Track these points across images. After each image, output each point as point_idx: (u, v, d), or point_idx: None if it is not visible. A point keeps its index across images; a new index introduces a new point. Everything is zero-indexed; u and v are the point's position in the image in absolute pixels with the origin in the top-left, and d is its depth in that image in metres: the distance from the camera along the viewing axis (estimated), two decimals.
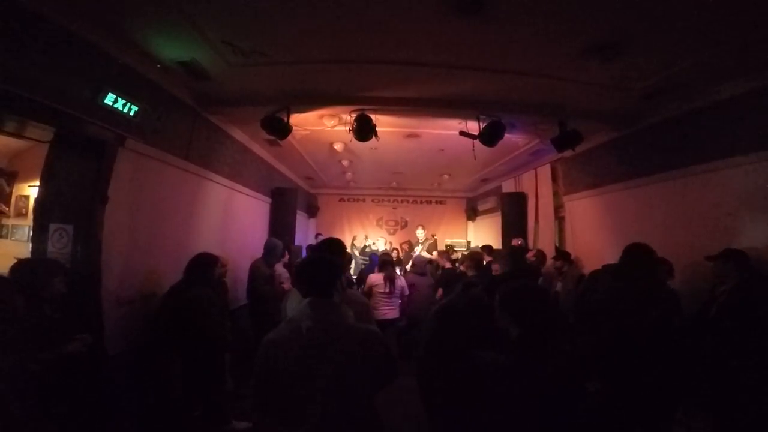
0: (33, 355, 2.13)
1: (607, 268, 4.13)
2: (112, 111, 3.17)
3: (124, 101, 3.24)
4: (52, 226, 3.11)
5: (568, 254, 5.61)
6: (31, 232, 3.29)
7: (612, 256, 4.81)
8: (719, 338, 3.02)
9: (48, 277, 2.49)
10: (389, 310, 5.13)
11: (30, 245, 3.21)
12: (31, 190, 4.69)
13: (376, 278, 5.19)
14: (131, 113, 3.34)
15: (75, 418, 2.41)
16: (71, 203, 3.15)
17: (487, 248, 6.92)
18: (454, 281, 4.34)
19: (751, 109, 3.44)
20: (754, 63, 3.15)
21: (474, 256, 4.92)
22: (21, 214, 4.78)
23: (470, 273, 4.57)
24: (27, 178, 4.75)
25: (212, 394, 3.66)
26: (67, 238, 3.12)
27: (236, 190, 6.02)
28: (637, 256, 2.96)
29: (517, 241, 6.61)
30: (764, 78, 3.25)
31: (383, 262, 5.41)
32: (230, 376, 4.08)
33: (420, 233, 9.24)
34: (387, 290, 5.10)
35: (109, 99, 3.11)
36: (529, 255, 5.73)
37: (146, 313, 3.70)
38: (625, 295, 2.80)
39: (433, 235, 9.83)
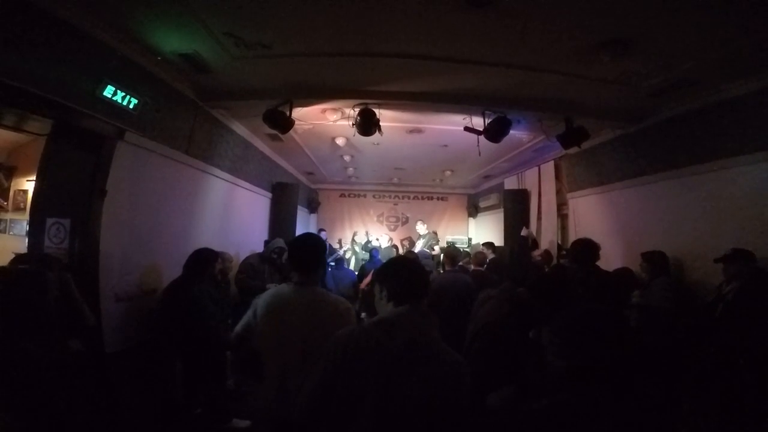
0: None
1: None
2: (111, 104, 3.12)
3: (123, 94, 3.18)
4: (49, 221, 3.06)
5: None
6: (28, 227, 3.23)
7: (616, 254, 4.81)
8: (726, 337, 2.99)
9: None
10: None
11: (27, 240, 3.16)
12: (29, 184, 4.64)
13: None
14: (130, 106, 3.28)
15: (72, 418, 2.36)
16: (69, 197, 3.10)
17: (489, 245, 6.87)
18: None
19: (759, 107, 3.40)
20: (762, 62, 3.10)
21: (450, 252, 4.84)
22: (19, 208, 4.74)
23: (447, 267, 4.60)
24: (26, 172, 4.71)
25: (213, 392, 3.62)
26: (64, 232, 3.07)
27: (237, 185, 5.97)
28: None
29: (526, 232, 6.49)
30: None
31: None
32: (231, 374, 4.05)
33: (420, 227, 9.16)
34: None
35: (108, 91, 3.05)
36: (536, 254, 5.68)
37: (146, 310, 3.65)
38: None
39: (434, 232, 9.78)
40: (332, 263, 6.82)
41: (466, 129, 4.59)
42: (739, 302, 3.08)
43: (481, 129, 4.45)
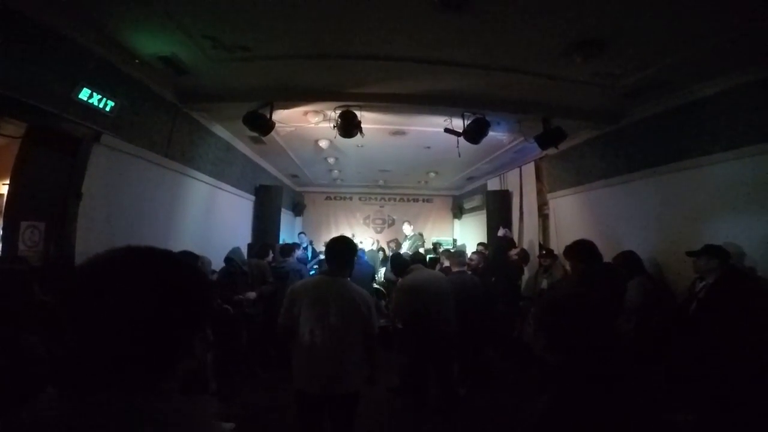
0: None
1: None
2: (86, 106, 3.10)
3: (99, 96, 3.16)
4: (24, 224, 3.02)
5: (551, 250, 5.65)
6: (2, 231, 3.19)
7: None
8: (701, 333, 3.06)
9: None
10: None
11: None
12: (6, 188, 4.54)
13: None
14: (107, 109, 3.26)
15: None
16: (44, 200, 3.07)
17: (483, 245, 6.92)
18: None
19: (729, 106, 3.52)
20: (731, 62, 3.21)
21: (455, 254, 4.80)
22: None
23: (454, 268, 4.56)
24: (1, 176, 4.60)
25: (194, 395, 3.59)
26: (38, 235, 3.03)
27: (219, 188, 5.93)
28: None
29: (502, 232, 6.52)
30: (741, 76, 3.32)
31: (419, 260, 4.53)
32: (213, 377, 4.02)
33: (407, 228, 9.19)
34: None
35: (84, 94, 3.03)
36: (512, 253, 5.74)
37: None
38: None
39: (420, 233, 9.81)
40: (315, 266, 6.81)
41: (446, 131, 4.65)
42: (711, 300, 3.15)
43: (461, 130, 4.51)
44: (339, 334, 2.41)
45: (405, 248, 8.51)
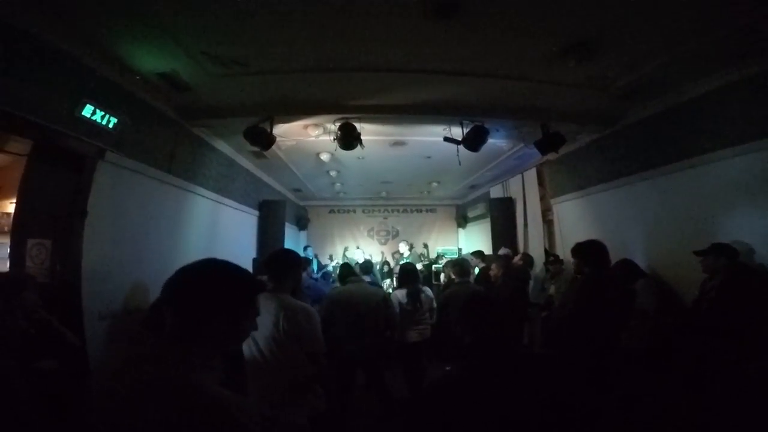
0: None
1: None
2: (90, 123, 3.15)
3: (102, 113, 3.21)
4: (31, 241, 3.07)
5: (557, 256, 5.63)
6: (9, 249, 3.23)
7: None
8: (712, 333, 3.01)
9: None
10: (414, 333, 4.17)
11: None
12: (13, 207, 4.61)
13: (400, 294, 4.25)
14: (110, 125, 3.31)
15: None
16: (50, 217, 3.12)
17: (478, 254, 6.89)
18: None
19: (726, 103, 3.52)
20: (724, 59, 3.23)
21: (458, 263, 4.69)
22: (3, 231, 4.69)
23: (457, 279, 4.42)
24: (9, 194, 4.67)
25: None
26: (45, 252, 3.08)
27: (222, 204, 5.98)
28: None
29: (504, 251, 6.48)
30: (736, 73, 3.34)
31: (406, 272, 4.44)
32: None
33: (402, 247, 9.21)
34: (411, 308, 4.16)
35: (87, 111, 3.09)
36: (516, 259, 5.71)
37: (131, 328, 3.62)
38: None
39: (424, 244, 9.84)
40: (316, 277, 6.83)
41: (446, 139, 4.67)
42: (721, 299, 3.11)
43: (460, 139, 4.54)
44: (271, 353, 2.23)
45: (405, 260, 8.51)
